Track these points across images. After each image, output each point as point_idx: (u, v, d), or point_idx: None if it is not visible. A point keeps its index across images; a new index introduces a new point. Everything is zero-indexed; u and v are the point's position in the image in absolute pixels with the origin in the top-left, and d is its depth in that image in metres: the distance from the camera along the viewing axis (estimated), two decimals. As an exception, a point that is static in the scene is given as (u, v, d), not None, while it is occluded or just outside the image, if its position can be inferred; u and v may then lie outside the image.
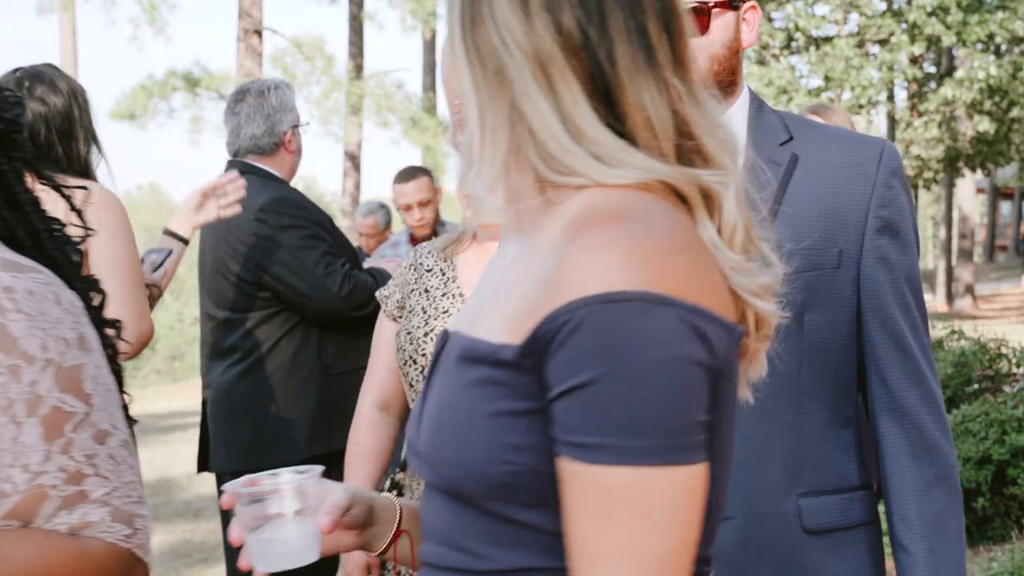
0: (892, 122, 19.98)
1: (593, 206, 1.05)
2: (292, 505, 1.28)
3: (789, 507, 1.81)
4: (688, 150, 1.11)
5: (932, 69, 19.79)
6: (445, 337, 1.21)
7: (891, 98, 19.92)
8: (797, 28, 17.70)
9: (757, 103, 1.94)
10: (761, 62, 18.02)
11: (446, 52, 1.90)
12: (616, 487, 0.98)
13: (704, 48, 1.86)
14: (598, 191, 1.07)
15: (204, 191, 3.31)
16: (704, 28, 1.86)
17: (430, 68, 22.80)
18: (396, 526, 1.38)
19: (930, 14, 16.90)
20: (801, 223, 1.81)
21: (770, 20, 17.93)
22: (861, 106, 17.48)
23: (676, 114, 1.10)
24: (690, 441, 0.99)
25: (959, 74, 17.44)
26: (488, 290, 1.20)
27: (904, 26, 17.20)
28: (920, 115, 18.75)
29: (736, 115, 1.92)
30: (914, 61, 18.09)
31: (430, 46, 22.95)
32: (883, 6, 17.99)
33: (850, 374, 1.86)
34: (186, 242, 3.32)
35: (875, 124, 20.80)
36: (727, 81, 1.90)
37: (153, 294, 3.21)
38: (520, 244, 1.16)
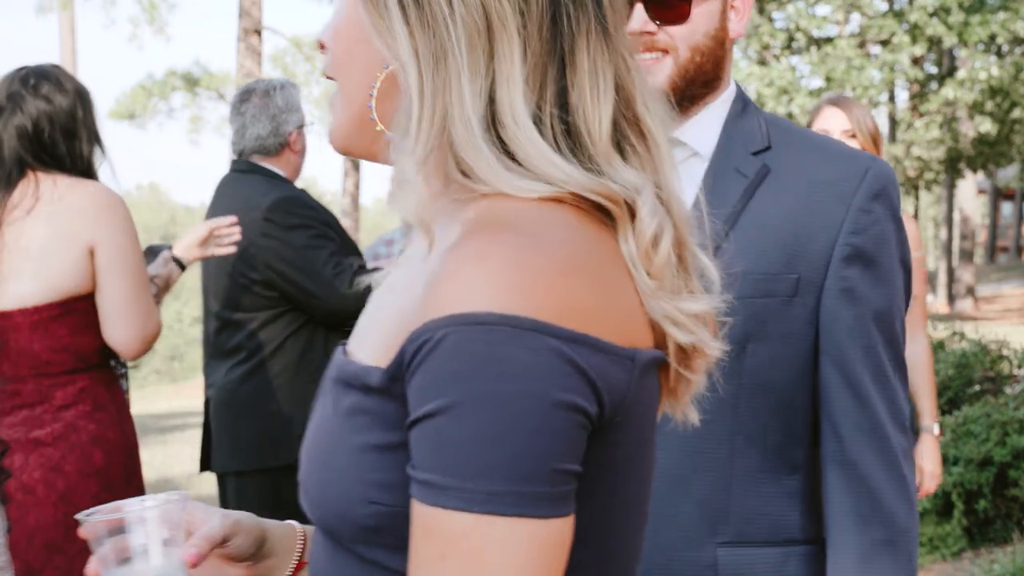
0: (893, 123, 19.97)
1: (486, 214, 0.91)
2: (158, 535, 1.12)
3: (705, 557, 1.62)
4: (626, 129, 0.98)
5: (933, 70, 19.78)
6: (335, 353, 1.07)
7: (892, 99, 19.91)
8: (798, 28, 17.69)
9: (742, 103, 1.76)
10: (762, 62, 18.01)
11: None
12: (452, 535, 0.84)
13: (685, 38, 1.69)
14: (500, 199, 0.92)
15: (212, 228, 3.34)
16: (684, 15, 1.69)
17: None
18: (299, 556, 1.23)
19: (932, 14, 16.88)
20: (757, 243, 1.62)
21: (771, 20, 17.91)
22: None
23: (621, 91, 0.97)
24: (548, 492, 0.84)
25: (960, 75, 17.42)
26: (376, 304, 1.06)
27: (905, 27, 17.19)
28: (921, 116, 18.74)
29: (713, 113, 1.75)
30: (915, 62, 18.08)
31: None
32: (884, 6, 17.98)
33: (802, 417, 1.65)
34: (184, 268, 3.34)
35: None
36: (711, 75, 1.73)
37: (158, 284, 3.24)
38: (421, 249, 1.00)
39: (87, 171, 2.95)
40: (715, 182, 1.68)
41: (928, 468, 3.57)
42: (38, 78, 2.94)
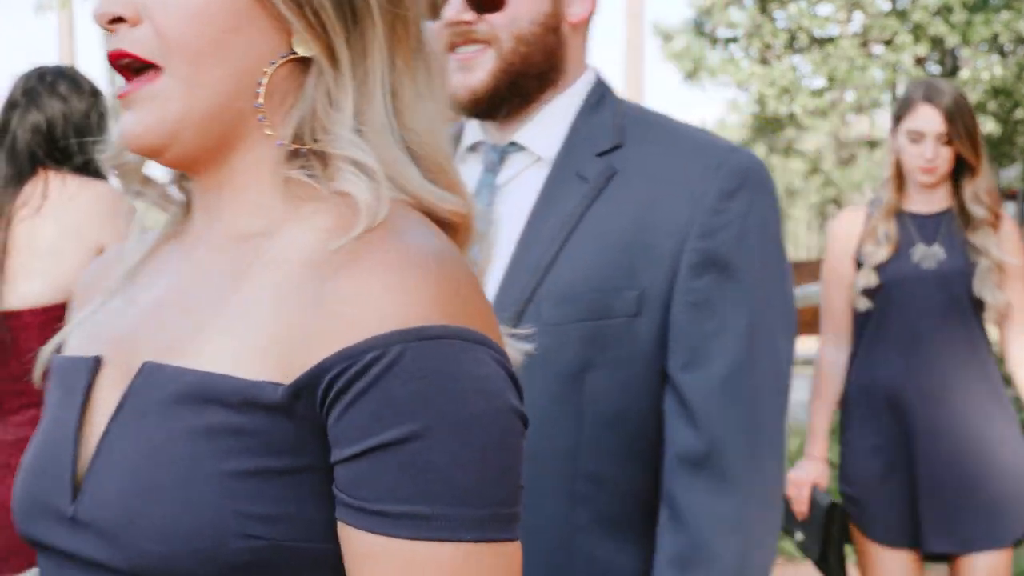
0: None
1: (391, 221, 0.85)
2: None
3: None
4: (426, 156, 0.92)
5: (936, 70, 19.78)
6: (97, 364, 0.92)
7: (895, 99, 19.90)
8: (800, 28, 17.68)
9: (598, 95, 1.55)
10: (763, 62, 18.00)
11: None
12: (436, 567, 0.78)
13: (506, 26, 1.49)
14: (370, 201, 0.85)
15: None
16: (501, 1, 1.49)
17: (431, 67, 22.82)
18: None
19: (934, 14, 16.87)
20: (594, 256, 1.42)
21: (772, 20, 17.90)
22: (864, 107, 17.45)
23: (431, 103, 0.93)
24: (515, 512, 0.82)
25: (963, 75, 17.41)
26: (182, 300, 0.91)
27: (908, 26, 17.18)
28: (923, 116, 18.74)
29: (558, 110, 1.54)
30: (918, 62, 18.06)
31: (431, 45, 22.97)
32: (887, 6, 17.97)
33: (654, 450, 1.45)
34: None
35: (878, 125, 20.79)
36: (544, 66, 1.52)
37: None
38: (228, 236, 0.91)
39: (97, 172, 2.94)
40: (553, 190, 1.48)
41: None
42: (56, 77, 2.94)
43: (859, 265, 3.16)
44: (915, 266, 3.08)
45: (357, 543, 0.79)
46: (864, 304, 3.12)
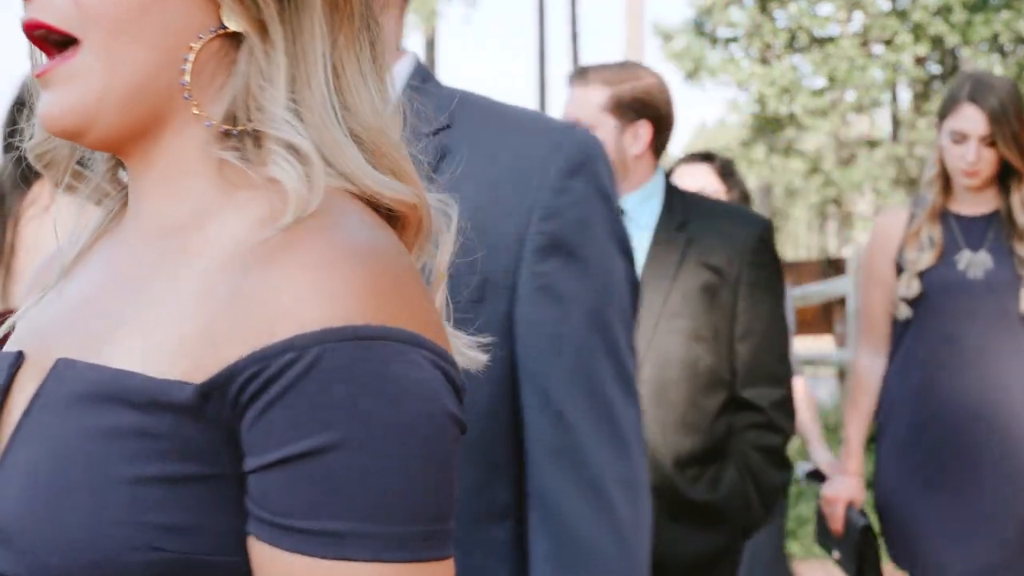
0: (896, 123, 19.96)
1: (322, 212, 0.77)
2: None
3: None
4: (371, 140, 0.85)
5: (937, 69, 19.78)
6: (19, 360, 0.86)
7: (895, 99, 19.90)
8: (800, 27, 17.68)
9: (422, 75, 1.44)
10: (764, 62, 18.00)
11: None
12: None
13: None
14: (301, 189, 0.77)
15: None
16: None
17: (430, 67, 22.81)
18: None
19: (934, 14, 16.88)
20: None
21: (772, 20, 17.91)
22: (864, 107, 17.45)
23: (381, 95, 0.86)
24: (446, 528, 0.75)
25: (963, 74, 17.42)
26: (104, 294, 0.85)
27: (908, 26, 17.19)
28: (924, 116, 18.73)
29: None
30: (918, 61, 18.07)
31: (431, 45, 22.96)
32: (887, 6, 17.97)
33: (504, 448, 1.35)
34: None
35: (878, 125, 20.78)
36: None
37: None
38: (158, 226, 0.84)
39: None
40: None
41: None
42: None
43: (899, 270, 2.96)
44: (960, 274, 2.89)
45: (267, 560, 0.73)
46: (905, 312, 2.93)
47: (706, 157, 3.64)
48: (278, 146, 0.79)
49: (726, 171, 3.55)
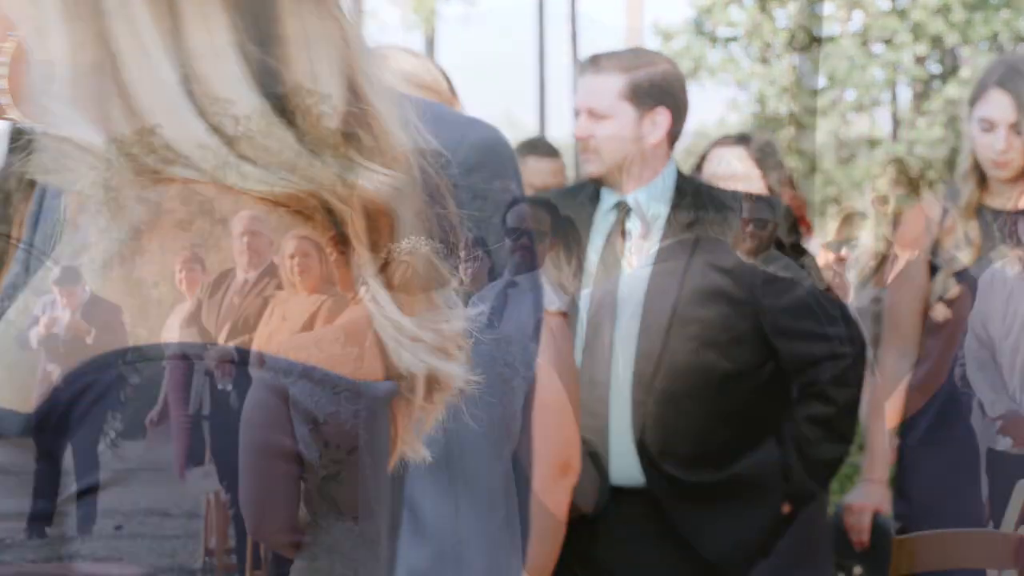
0: (896, 122, 19.95)
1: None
2: None
3: None
4: (353, 117, 0.75)
5: (936, 69, 19.77)
6: None
7: (895, 98, 19.88)
8: (800, 27, 17.65)
9: None
10: (763, 61, 17.98)
11: None
12: None
13: None
14: (197, 187, 0.69)
15: None
16: None
17: (431, 67, 22.78)
18: None
19: (934, 13, 16.85)
20: None
21: (772, 19, 17.88)
22: (864, 106, 17.42)
23: (344, 62, 0.76)
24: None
25: (964, 74, 17.38)
26: None
27: (908, 25, 17.16)
28: (924, 115, 18.72)
29: None
30: (918, 61, 18.05)
31: (431, 44, 22.94)
32: (887, 5, 17.95)
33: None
34: None
35: (878, 124, 20.74)
36: None
37: None
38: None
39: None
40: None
41: None
42: None
43: (933, 268, 2.81)
44: (999, 272, 2.72)
45: None
46: (943, 313, 2.76)
47: (741, 139, 3.40)
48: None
49: (764, 153, 3.29)
